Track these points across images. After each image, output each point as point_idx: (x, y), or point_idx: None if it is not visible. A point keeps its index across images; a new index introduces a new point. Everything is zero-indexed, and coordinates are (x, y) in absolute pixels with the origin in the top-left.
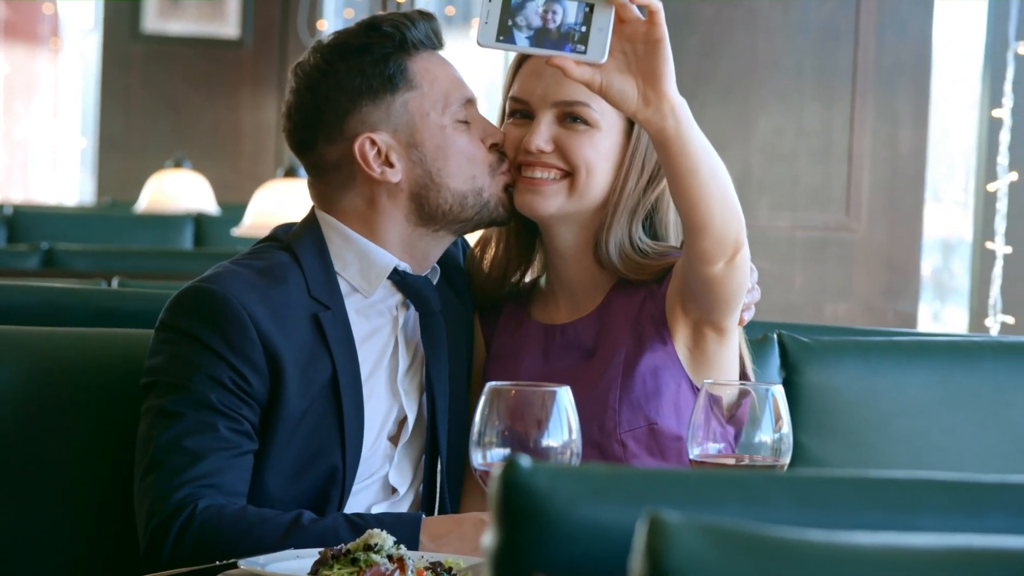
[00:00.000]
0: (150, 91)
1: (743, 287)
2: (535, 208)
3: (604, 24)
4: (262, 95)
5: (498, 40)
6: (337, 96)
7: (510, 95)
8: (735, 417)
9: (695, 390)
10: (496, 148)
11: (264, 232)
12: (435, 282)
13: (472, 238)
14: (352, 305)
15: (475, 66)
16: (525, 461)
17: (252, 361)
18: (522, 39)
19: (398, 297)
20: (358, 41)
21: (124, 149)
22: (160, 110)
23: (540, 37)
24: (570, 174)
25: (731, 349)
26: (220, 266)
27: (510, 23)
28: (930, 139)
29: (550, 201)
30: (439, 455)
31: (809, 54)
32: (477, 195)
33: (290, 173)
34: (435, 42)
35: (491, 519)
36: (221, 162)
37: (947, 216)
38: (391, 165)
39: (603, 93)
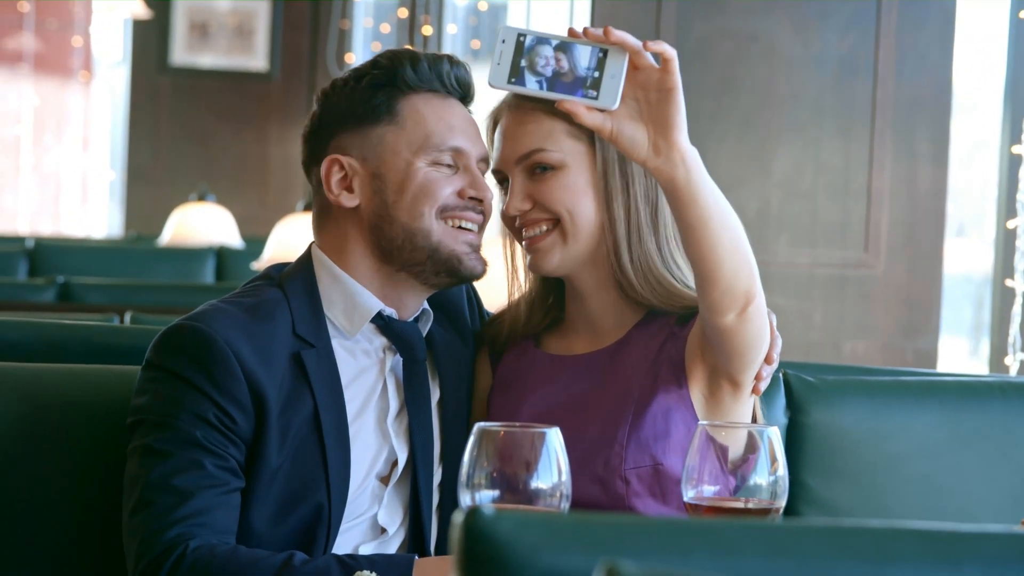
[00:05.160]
0: (178, 124)
1: (758, 341)
2: (540, 267)
3: (617, 70)
4: (290, 128)
5: (510, 82)
6: (328, 118)
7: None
8: (740, 466)
9: None
10: (475, 202)
11: None
12: (426, 329)
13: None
14: (339, 344)
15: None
16: (488, 508)
17: (237, 399)
18: (533, 82)
19: (384, 340)
20: (360, 70)
21: (152, 182)
22: (188, 143)
23: (552, 81)
24: (559, 221)
25: (745, 405)
26: (208, 304)
27: (523, 65)
28: (950, 175)
29: (550, 257)
30: (420, 499)
31: (828, 89)
32: (425, 236)
33: (310, 207)
34: (446, 87)
35: (454, 566)
36: (248, 195)
37: (970, 253)
38: (351, 191)
39: (614, 140)
